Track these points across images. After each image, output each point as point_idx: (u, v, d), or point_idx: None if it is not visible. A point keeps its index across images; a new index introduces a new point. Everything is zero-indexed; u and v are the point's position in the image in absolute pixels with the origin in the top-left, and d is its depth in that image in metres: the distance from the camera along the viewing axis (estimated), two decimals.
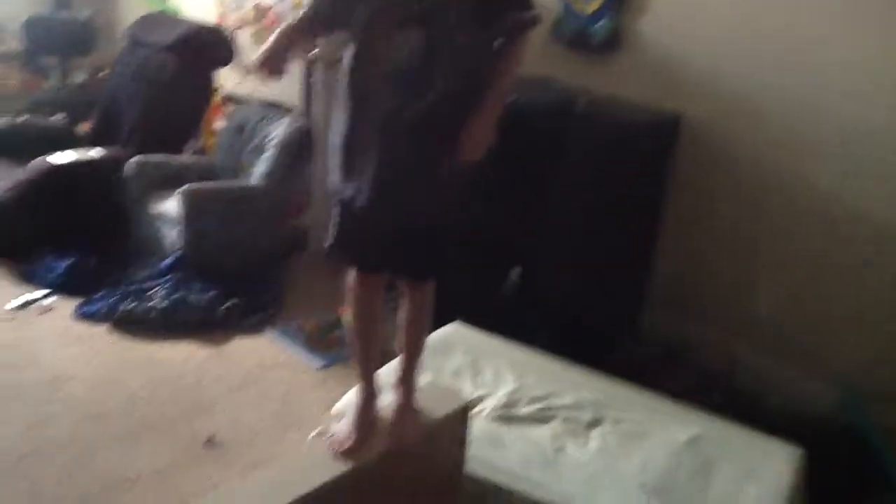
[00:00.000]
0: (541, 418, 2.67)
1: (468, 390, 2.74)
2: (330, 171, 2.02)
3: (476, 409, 2.59)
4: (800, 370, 3.12)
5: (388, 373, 2.29)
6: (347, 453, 2.01)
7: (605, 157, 3.13)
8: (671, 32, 3.32)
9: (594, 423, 2.66)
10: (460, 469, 2.39)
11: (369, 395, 2.18)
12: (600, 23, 3.47)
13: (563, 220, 3.12)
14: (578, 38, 3.55)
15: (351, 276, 2.10)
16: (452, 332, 3.13)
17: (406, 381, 2.23)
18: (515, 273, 3.36)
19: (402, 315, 2.24)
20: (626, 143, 3.17)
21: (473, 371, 2.88)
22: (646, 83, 3.36)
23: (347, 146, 1.96)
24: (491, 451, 2.49)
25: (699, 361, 3.25)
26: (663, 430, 2.62)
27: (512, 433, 2.59)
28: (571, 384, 2.84)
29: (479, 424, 2.52)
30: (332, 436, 2.06)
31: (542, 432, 2.60)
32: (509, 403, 2.72)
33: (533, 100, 3.29)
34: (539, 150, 3.26)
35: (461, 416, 2.36)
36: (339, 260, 2.12)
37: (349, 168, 1.97)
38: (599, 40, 3.49)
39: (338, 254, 2.12)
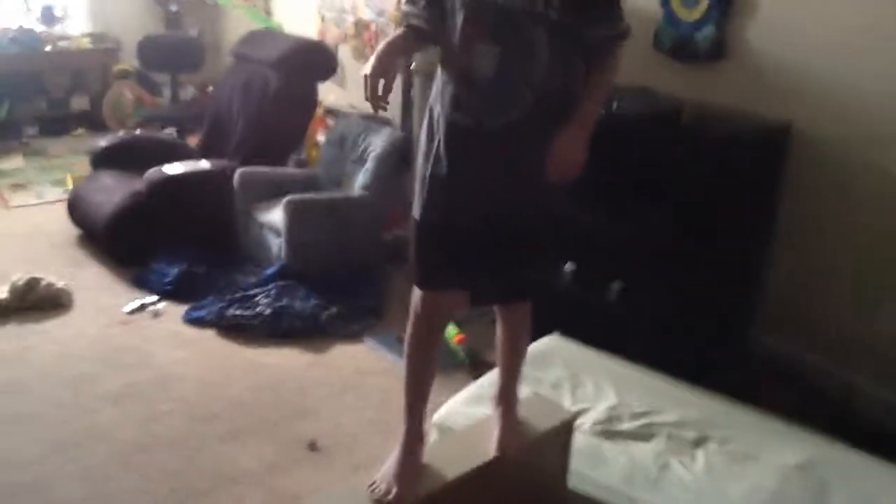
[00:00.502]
0: (643, 435, 2.60)
1: (568, 403, 2.71)
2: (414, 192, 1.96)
3: (577, 423, 2.55)
4: None
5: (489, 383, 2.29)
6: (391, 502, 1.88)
7: (712, 169, 3.05)
8: (779, 39, 3.21)
9: (700, 442, 2.58)
10: (564, 483, 2.36)
11: (416, 438, 2.03)
12: (704, 30, 3.40)
13: (668, 232, 3.05)
14: (681, 47, 3.48)
15: (419, 297, 1.97)
16: (551, 343, 3.10)
17: (507, 394, 2.20)
18: (616, 287, 3.31)
19: (500, 336, 2.20)
20: (734, 154, 3.09)
21: (573, 384, 2.84)
22: (753, 92, 3.27)
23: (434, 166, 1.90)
24: (592, 466, 2.44)
25: (811, 384, 3.12)
26: (773, 451, 2.52)
27: (614, 449, 2.54)
28: (675, 401, 2.77)
29: (579, 438, 2.48)
30: (374, 484, 1.93)
31: (645, 449, 2.54)
32: (611, 418, 2.66)
33: (635, 110, 3.25)
34: (642, 161, 3.21)
35: (565, 428, 2.33)
36: (427, 290, 1.99)
37: (441, 188, 1.90)
38: (704, 48, 3.41)
39: (428, 286, 1.99)
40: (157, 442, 2.88)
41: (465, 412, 2.64)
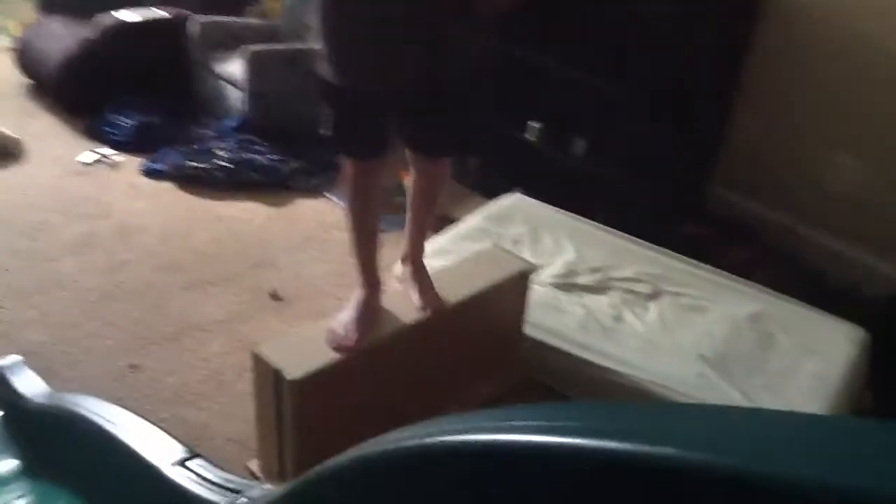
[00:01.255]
0: (599, 288, 2.69)
1: (527, 258, 2.76)
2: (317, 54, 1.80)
3: (535, 275, 2.61)
4: (870, 253, 3.06)
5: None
6: (347, 350, 1.90)
7: (681, 25, 3.00)
8: None
9: (653, 296, 2.67)
10: (520, 330, 2.44)
11: (371, 287, 2.06)
12: None
13: (633, 90, 3.03)
14: None
15: (348, 163, 1.94)
16: (513, 200, 3.14)
17: (416, 251, 2.17)
18: (581, 145, 3.31)
19: (414, 189, 2.10)
20: (706, 9, 3.03)
21: (533, 240, 2.89)
22: None
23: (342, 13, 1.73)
24: (549, 315, 2.53)
25: (764, 239, 3.21)
26: (724, 304, 2.63)
27: (570, 300, 2.62)
28: (631, 257, 2.85)
29: (537, 290, 2.55)
30: (332, 330, 1.94)
31: (601, 301, 2.63)
32: (568, 272, 2.74)
33: None
34: (610, 15, 3.14)
35: (522, 278, 2.39)
36: (342, 151, 1.95)
37: (344, 41, 1.74)
38: None
39: (341, 145, 1.96)
40: (120, 290, 2.89)
41: (426, 263, 2.68)
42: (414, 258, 2.16)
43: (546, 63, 3.26)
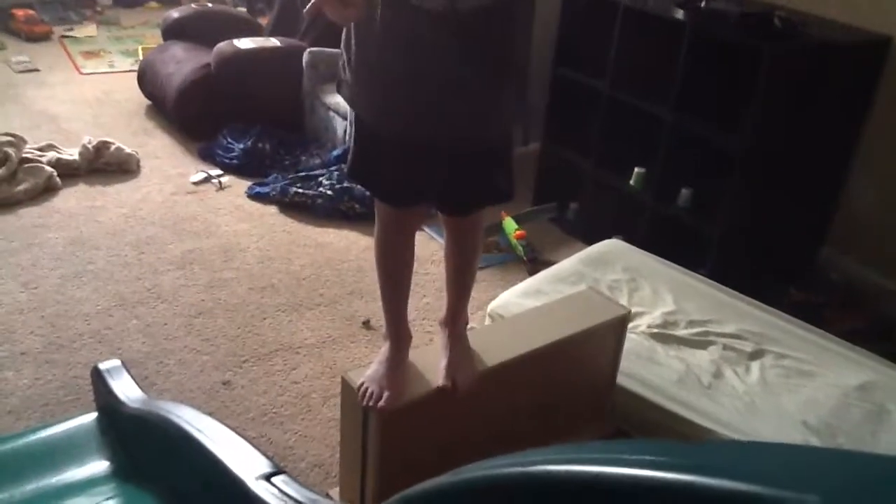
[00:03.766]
0: (699, 342, 2.58)
1: (624, 294, 2.69)
2: (350, 83, 1.68)
3: (632, 324, 2.53)
4: None
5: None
6: (380, 409, 1.79)
7: (802, 78, 2.91)
8: None
9: (756, 355, 2.55)
10: (613, 380, 2.36)
11: (401, 343, 1.93)
12: None
13: (747, 140, 2.94)
14: None
15: (378, 208, 1.81)
16: (611, 246, 3.07)
17: (455, 315, 1.98)
18: (687, 194, 3.23)
19: (448, 249, 1.96)
20: (827, 63, 2.94)
21: (630, 287, 2.82)
22: (853, 3, 3.08)
23: (368, 47, 1.60)
24: (645, 366, 2.44)
25: (877, 308, 3.04)
26: (832, 371, 2.48)
27: (668, 352, 2.53)
28: (735, 313, 2.73)
29: (633, 339, 2.47)
30: (364, 386, 1.82)
31: (700, 356, 2.53)
32: (666, 323, 2.65)
33: (720, 9, 3.10)
34: (730, 65, 3.08)
35: (617, 324, 2.32)
36: (363, 185, 1.87)
37: (374, 80, 1.63)
38: None
39: (363, 182, 1.87)
40: (218, 307, 2.95)
41: (519, 303, 2.64)
42: (450, 323, 1.98)
43: (658, 111, 3.21)
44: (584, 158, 3.57)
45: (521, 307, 2.60)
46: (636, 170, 3.36)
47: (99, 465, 1.69)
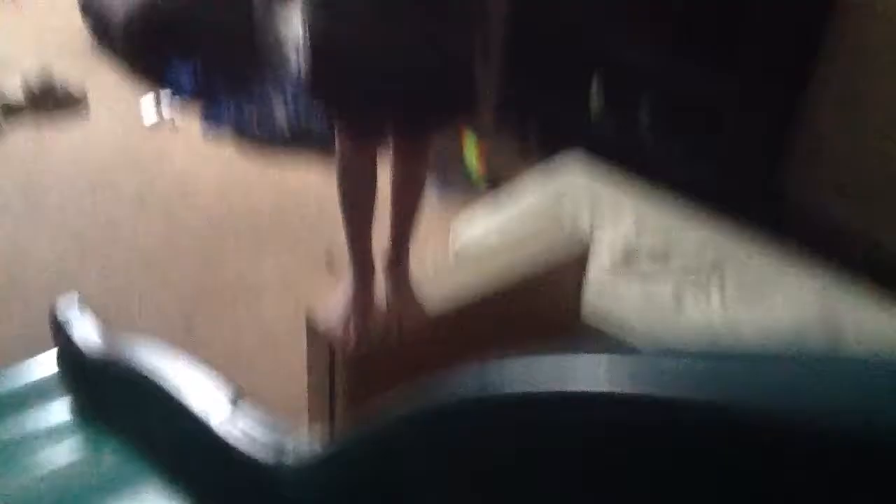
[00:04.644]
0: (660, 271, 2.60)
1: (585, 226, 2.70)
2: None
3: (593, 252, 2.53)
4: None
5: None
6: (351, 349, 1.77)
7: None
8: None
9: (716, 278, 2.58)
10: (577, 316, 2.37)
11: (366, 277, 1.86)
12: None
13: (706, 53, 2.91)
14: None
15: (338, 139, 1.75)
16: (571, 164, 3.04)
17: (400, 256, 1.91)
18: (645, 109, 3.20)
19: (394, 176, 1.87)
20: None
21: (591, 206, 2.80)
22: None
23: None
24: (606, 301, 2.45)
25: (835, 227, 3.07)
26: (790, 290, 2.53)
27: (627, 284, 2.54)
28: (695, 234, 2.75)
29: (594, 273, 2.47)
30: (331, 329, 1.80)
31: (661, 284, 2.54)
32: (627, 252, 2.66)
33: None
34: None
35: (579, 260, 2.31)
36: (319, 101, 1.80)
37: None
38: None
39: (317, 94, 1.79)
40: (177, 247, 2.90)
41: (479, 233, 2.64)
42: (392, 258, 1.92)
43: (613, 27, 3.16)
44: (546, 70, 3.50)
45: (482, 235, 2.59)
46: (595, 81, 3.33)
47: (61, 406, 1.67)
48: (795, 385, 0.50)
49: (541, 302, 2.28)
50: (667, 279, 2.57)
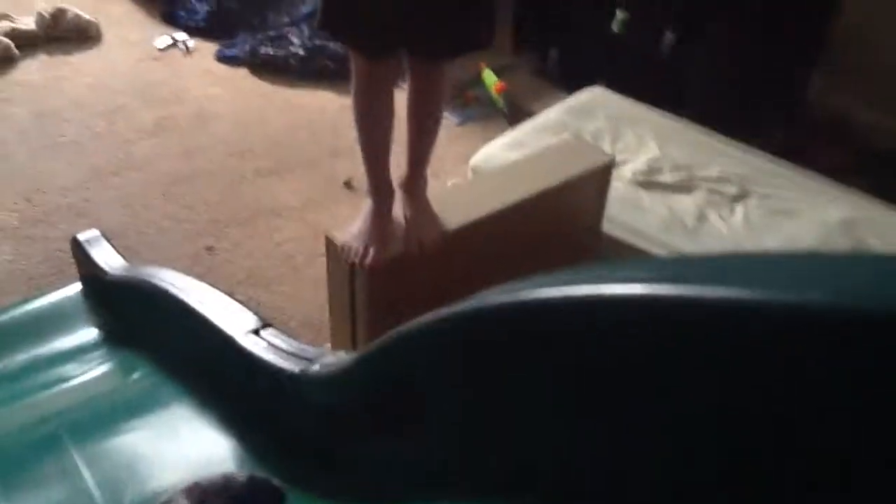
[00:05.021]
0: (683, 187, 2.57)
1: (607, 141, 2.66)
2: None
3: (616, 172, 2.51)
4: None
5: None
6: (368, 266, 1.77)
7: None
8: None
9: (740, 197, 2.54)
10: (598, 228, 2.36)
11: (384, 198, 1.87)
12: None
13: None
14: None
15: (353, 59, 1.72)
16: (593, 94, 3.00)
17: (416, 179, 1.91)
18: (670, 37, 3.13)
19: (414, 100, 1.84)
20: None
21: (614, 136, 2.77)
22: None
23: None
24: (629, 213, 2.44)
25: (865, 143, 3.01)
26: (814, 208, 2.49)
27: (652, 198, 2.52)
28: (718, 156, 2.71)
29: (617, 187, 2.45)
30: (349, 244, 1.80)
31: (684, 201, 2.52)
32: (651, 169, 2.62)
33: None
34: None
35: (602, 172, 2.29)
36: (336, 39, 1.80)
37: None
38: None
39: (335, 33, 1.77)
40: (196, 174, 2.90)
41: (500, 156, 2.60)
42: (409, 184, 1.91)
43: None
44: (564, 2, 3.43)
45: (502, 160, 2.56)
46: (618, 13, 3.24)
47: (88, 333, 1.69)
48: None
49: (561, 214, 2.27)
50: (690, 193, 2.54)
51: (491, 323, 0.64)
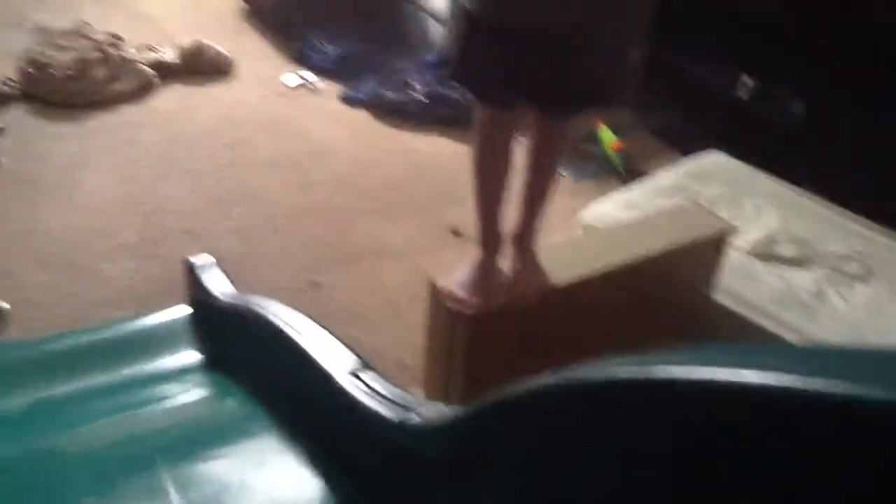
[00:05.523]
0: (802, 261, 2.46)
1: (723, 207, 2.57)
2: None
3: (731, 240, 2.42)
4: None
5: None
6: (469, 314, 1.76)
7: None
8: None
9: (863, 277, 2.41)
10: (709, 295, 2.27)
11: (492, 247, 1.86)
12: None
13: (867, 46, 2.72)
14: None
15: (477, 109, 1.75)
16: (713, 159, 2.92)
17: (527, 234, 1.89)
18: (798, 106, 3.02)
19: (531, 152, 1.84)
20: None
21: (731, 203, 2.68)
22: None
23: None
24: (743, 284, 2.34)
25: None
26: None
27: (768, 270, 2.42)
28: (842, 232, 2.58)
29: (733, 256, 2.36)
30: (452, 291, 1.80)
31: (803, 276, 2.40)
32: (769, 241, 2.52)
33: None
34: None
35: (718, 240, 2.22)
36: (464, 86, 1.79)
37: None
38: None
39: (462, 79, 1.78)
40: (309, 209, 2.97)
41: (612, 215, 2.56)
42: (520, 236, 1.89)
43: (768, 7, 2.99)
44: (690, 65, 3.37)
45: (614, 219, 2.51)
46: (745, 78, 3.16)
47: (190, 356, 1.73)
48: None
49: (672, 279, 2.20)
50: (809, 268, 2.43)
51: (621, 396, 0.60)
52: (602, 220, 2.54)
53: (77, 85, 3.57)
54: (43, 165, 3.13)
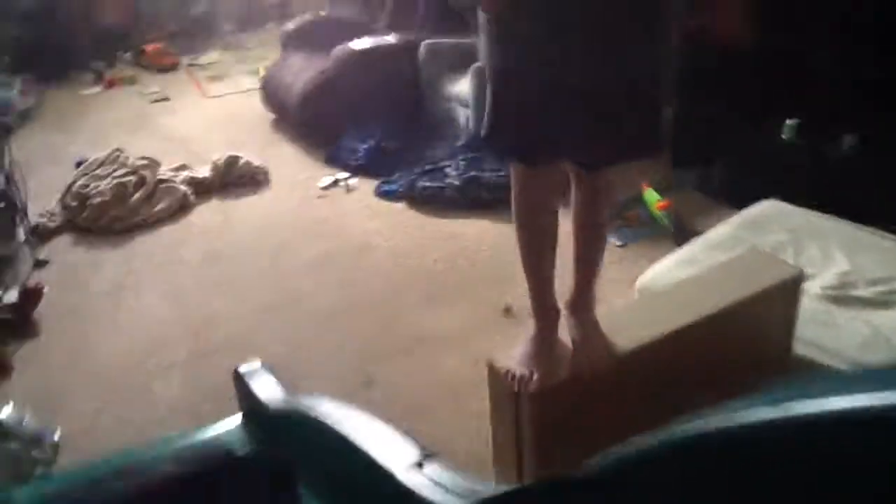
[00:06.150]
0: (884, 302, 2.29)
1: (788, 254, 2.43)
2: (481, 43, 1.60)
3: (803, 286, 2.27)
4: None
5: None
6: (532, 391, 1.67)
7: None
8: None
9: None
10: (788, 348, 2.12)
11: (548, 320, 1.78)
12: None
13: None
14: None
15: (515, 170, 1.68)
16: (767, 208, 2.79)
17: (583, 298, 1.81)
18: (850, 140, 2.91)
19: (577, 210, 1.77)
20: None
21: (796, 250, 2.54)
22: None
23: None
24: (822, 332, 2.18)
25: None
26: None
27: (847, 315, 2.25)
28: None
29: (806, 303, 2.21)
30: (512, 370, 1.71)
31: (887, 316, 2.23)
32: (843, 283, 2.36)
33: None
34: None
35: (790, 286, 2.07)
36: (501, 152, 1.78)
37: (513, 24, 1.53)
38: None
39: (498, 143, 1.70)
40: (353, 307, 2.90)
41: (671, 275, 2.43)
42: (576, 303, 1.82)
43: (803, 50, 2.91)
44: (728, 113, 3.28)
45: (672, 279, 2.38)
46: (787, 121, 3.07)
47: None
48: None
49: (744, 333, 2.06)
50: (893, 308, 2.26)
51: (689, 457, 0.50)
52: (659, 282, 2.42)
53: (115, 210, 3.61)
54: (87, 292, 3.13)
